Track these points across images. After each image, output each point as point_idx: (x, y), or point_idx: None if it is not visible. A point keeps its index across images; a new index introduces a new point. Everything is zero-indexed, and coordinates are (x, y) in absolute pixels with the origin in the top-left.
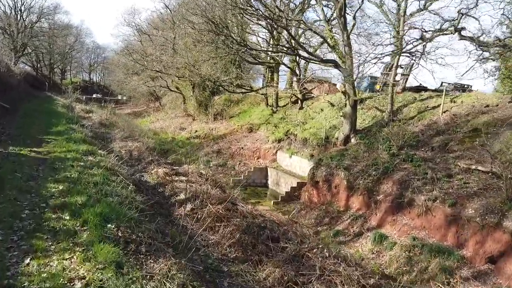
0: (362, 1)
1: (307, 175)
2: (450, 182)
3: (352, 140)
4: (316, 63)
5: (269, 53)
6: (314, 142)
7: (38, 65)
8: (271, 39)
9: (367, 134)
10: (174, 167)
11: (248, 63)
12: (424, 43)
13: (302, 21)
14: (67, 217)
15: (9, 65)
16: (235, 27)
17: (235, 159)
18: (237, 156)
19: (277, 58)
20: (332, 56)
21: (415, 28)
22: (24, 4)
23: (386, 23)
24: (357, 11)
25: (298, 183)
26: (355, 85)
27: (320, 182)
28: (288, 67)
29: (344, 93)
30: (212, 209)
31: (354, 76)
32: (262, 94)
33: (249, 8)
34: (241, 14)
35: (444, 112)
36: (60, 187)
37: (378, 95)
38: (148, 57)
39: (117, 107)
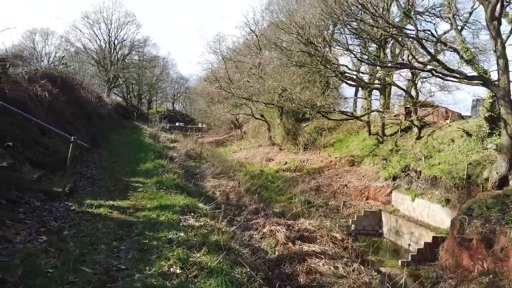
0: None
1: (447, 228)
2: None
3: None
4: (455, 81)
5: (379, 72)
6: (450, 183)
7: (128, 95)
8: (379, 55)
9: None
10: (288, 221)
11: (349, 85)
12: None
13: (429, 31)
14: None
15: (101, 96)
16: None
17: (338, 198)
18: (340, 195)
19: (388, 79)
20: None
21: None
22: (118, 37)
23: None
24: None
25: (434, 237)
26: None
27: (474, 240)
28: (403, 89)
29: (494, 119)
30: None
31: None
32: (365, 122)
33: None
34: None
35: None
36: None
37: None
38: (233, 84)
39: (199, 135)
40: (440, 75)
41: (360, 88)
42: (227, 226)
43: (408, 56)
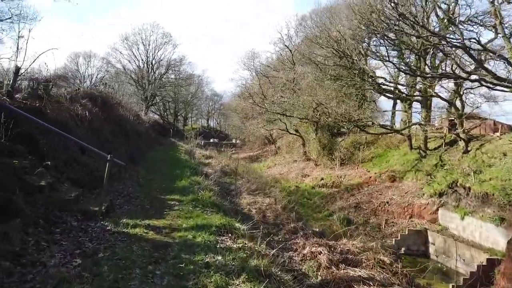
0: None
1: (502, 249)
2: None
3: None
4: (506, 91)
5: (420, 82)
6: (503, 200)
7: (165, 113)
8: (420, 66)
9: None
10: (329, 242)
11: (388, 98)
12: None
13: (474, 39)
14: None
15: (139, 114)
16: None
17: (379, 216)
18: (381, 213)
19: (431, 90)
20: None
21: None
22: (155, 58)
23: None
24: None
25: (488, 259)
26: None
27: None
28: (447, 101)
29: None
30: None
31: None
32: (406, 136)
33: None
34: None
35: None
36: None
37: None
38: (267, 99)
39: (233, 151)
40: (490, 85)
41: (399, 101)
42: (267, 248)
43: (452, 66)
